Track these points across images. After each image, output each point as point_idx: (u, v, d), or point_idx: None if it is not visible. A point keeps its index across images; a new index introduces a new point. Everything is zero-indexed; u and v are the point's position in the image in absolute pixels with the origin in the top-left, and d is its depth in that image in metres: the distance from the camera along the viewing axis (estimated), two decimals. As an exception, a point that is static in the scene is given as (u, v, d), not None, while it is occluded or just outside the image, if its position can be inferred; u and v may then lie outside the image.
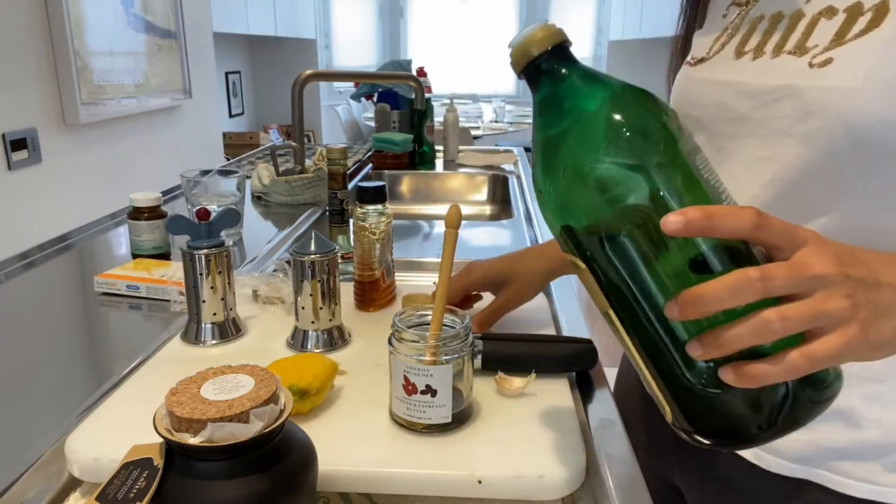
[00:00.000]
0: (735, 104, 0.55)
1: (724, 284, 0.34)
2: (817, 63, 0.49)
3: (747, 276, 0.34)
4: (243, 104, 5.19)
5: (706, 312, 0.34)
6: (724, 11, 0.60)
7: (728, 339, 0.35)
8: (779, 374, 0.35)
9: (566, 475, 0.52)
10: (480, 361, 0.65)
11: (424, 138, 2.02)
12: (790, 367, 0.35)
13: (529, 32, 0.41)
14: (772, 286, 0.34)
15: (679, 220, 0.34)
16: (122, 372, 0.70)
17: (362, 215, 0.80)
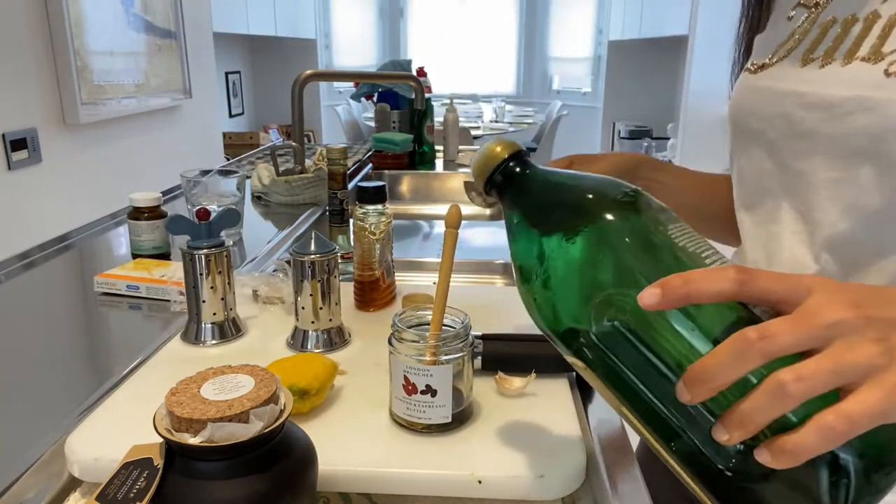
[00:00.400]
0: (801, 116, 0.50)
1: (723, 352, 0.30)
2: (894, 72, 0.44)
3: (745, 336, 0.30)
4: (243, 104, 5.19)
5: (715, 387, 0.31)
6: (790, 13, 0.55)
7: (748, 414, 0.30)
8: (816, 442, 0.29)
9: (566, 475, 0.52)
10: (480, 361, 0.65)
11: (424, 138, 2.02)
12: (826, 433, 0.29)
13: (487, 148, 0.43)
14: (775, 343, 0.30)
15: (655, 292, 0.32)
16: (122, 372, 0.70)
17: (362, 215, 0.80)
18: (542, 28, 6.70)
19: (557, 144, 5.47)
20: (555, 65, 6.76)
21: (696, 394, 0.31)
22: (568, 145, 6.40)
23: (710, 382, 0.31)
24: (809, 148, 0.51)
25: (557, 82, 6.78)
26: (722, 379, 0.30)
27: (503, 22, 6.73)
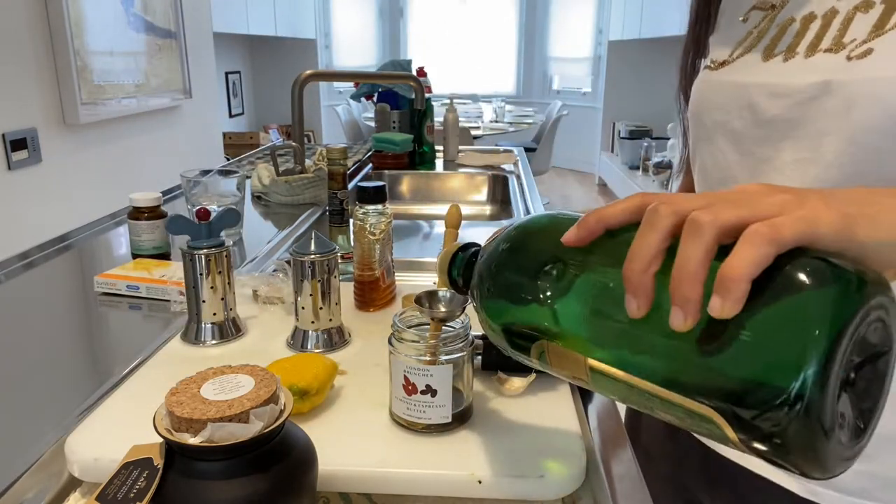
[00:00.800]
0: (766, 106, 0.53)
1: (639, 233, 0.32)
2: (856, 55, 0.47)
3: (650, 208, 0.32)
4: (243, 104, 5.19)
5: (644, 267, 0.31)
6: (744, 16, 0.58)
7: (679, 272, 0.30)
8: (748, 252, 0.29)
9: (566, 475, 0.52)
10: (480, 361, 0.65)
11: (424, 138, 2.02)
12: (753, 238, 0.29)
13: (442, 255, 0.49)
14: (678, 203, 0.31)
15: (573, 229, 0.35)
16: (122, 372, 0.70)
17: (362, 215, 0.80)
18: (542, 28, 6.71)
19: (557, 144, 5.47)
20: (555, 65, 6.77)
21: (637, 286, 0.32)
22: (568, 145, 6.41)
23: (640, 264, 0.31)
24: (776, 134, 0.53)
25: (557, 82, 6.79)
26: (646, 253, 0.31)
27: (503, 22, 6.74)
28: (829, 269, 0.30)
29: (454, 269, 0.48)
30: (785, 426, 0.29)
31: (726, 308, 0.29)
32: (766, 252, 0.29)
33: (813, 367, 0.28)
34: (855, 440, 0.32)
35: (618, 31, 5.78)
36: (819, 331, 0.28)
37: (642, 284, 0.32)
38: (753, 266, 0.29)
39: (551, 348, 0.38)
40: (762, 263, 0.29)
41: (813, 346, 0.28)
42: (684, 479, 0.69)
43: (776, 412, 0.29)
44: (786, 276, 0.30)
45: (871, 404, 0.33)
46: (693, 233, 0.30)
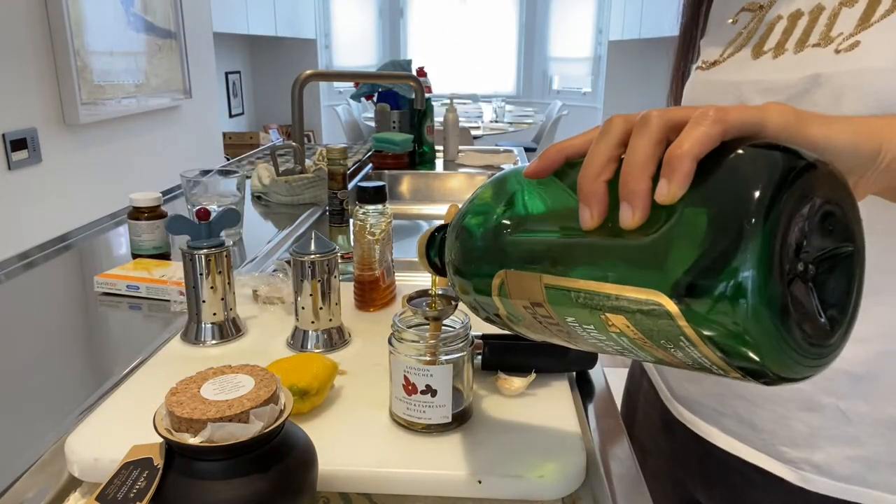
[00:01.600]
0: (757, 102, 0.53)
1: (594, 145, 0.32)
2: (844, 48, 0.47)
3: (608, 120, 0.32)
4: (243, 104, 5.19)
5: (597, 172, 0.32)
6: (734, 18, 0.59)
7: (627, 165, 0.31)
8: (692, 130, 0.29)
9: (566, 475, 0.52)
10: (480, 361, 0.65)
11: (424, 138, 2.02)
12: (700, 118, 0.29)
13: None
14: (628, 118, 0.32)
15: (534, 162, 0.36)
16: (122, 372, 0.70)
17: (362, 215, 0.80)
18: (542, 28, 6.70)
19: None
20: (555, 65, 6.77)
21: (590, 192, 0.32)
22: (568, 145, 6.39)
23: (593, 169, 0.32)
24: None
25: (557, 82, 6.78)
26: (598, 160, 0.32)
27: (503, 22, 6.74)
28: (773, 148, 0.29)
29: (431, 251, 0.49)
30: (733, 309, 0.28)
31: (672, 189, 0.29)
32: (711, 131, 0.29)
33: (753, 244, 0.27)
34: (822, 339, 0.31)
35: (618, 31, 5.78)
36: (756, 205, 0.28)
37: (595, 191, 0.32)
38: (699, 144, 0.29)
39: (509, 276, 0.38)
40: (708, 142, 0.29)
41: (751, 221, 0.27)
42: (679, 473, 0.70)
43: (723, 297, 0.28)
44: (727, 156, 0.29)
45: (838, 304, 0.32)
46: (641, 127, 0.31)
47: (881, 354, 0.51)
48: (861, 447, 0.53)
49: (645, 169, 0.30)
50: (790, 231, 0.28)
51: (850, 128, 0.33)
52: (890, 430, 0.52)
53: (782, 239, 0.28)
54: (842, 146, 0.32)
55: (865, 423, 0.53)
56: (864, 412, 0.52)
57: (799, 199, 0.28)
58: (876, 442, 0.52)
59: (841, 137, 0.32)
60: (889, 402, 0.52)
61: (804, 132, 0.31)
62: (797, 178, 0.28)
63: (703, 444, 0.63)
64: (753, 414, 0.58)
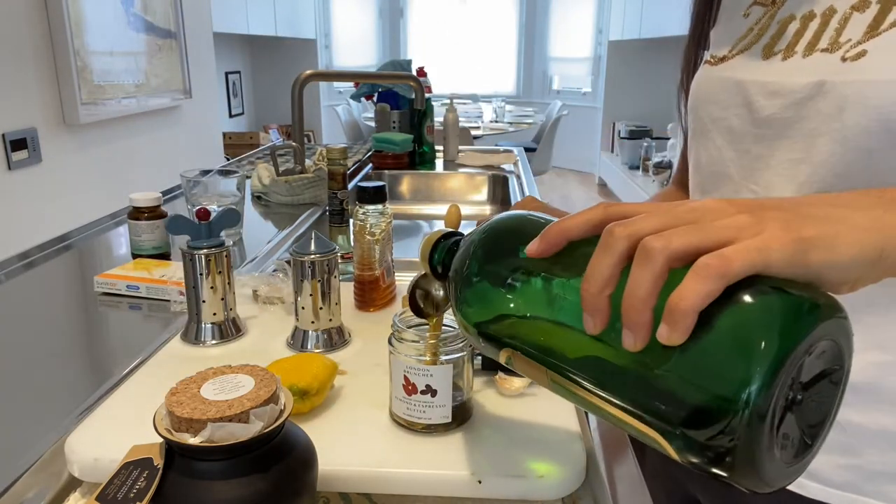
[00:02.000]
0: (763, 104, 0.53)
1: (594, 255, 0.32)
2: (850, 56, 0.47)
3: (607, 229, 0.32)
4: (243, 104, 5.19)
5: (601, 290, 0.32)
6: (746, 11, 0.58)
7: (631, 291, 0.31)
8: (696, 284, 0.29)
9: (566, 475, 0.52)
10: (480, 361, 0.65)
11: (424, 138, 2.02)
12: (702, 270, 0.29)
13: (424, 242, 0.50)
14: (635, 224, 0.32)
15: (536, 241, 0.36)
16: (122, 372, 0.70)
17: (362, 215, 0.80)
18: (542, 28, 6.71)
19: (557, 144, 5.47)
20: (555, 65, 6.77)
21: (593, 306, 0.32)
22: (568, 145, 6.41)
23: (595, 286, 0.32)
24: (770, 133, 0.53)
25: (557, 82, 6.79)
26: (601, 276, 0.32)
27: (503, 22, 6.74)
28: (776, 297, 0.30)
29: (435, 256, 0.49)
30: (727, 449, 0.29)
31: (673, 337, 0.30)
32: (713, 286, 0.29)
33: (754, 397, 0.28)
34: (801, 456, 0.32)
35: (618, 31, 5.78)
36: (761, 360, 0.28)
37: (598, 305, 0.32)
38: (700, 300, 0.29)
39: (516, 358, 0.39)
40: (710, 297, 0.29)
41: (755, 373, 0.28)
42: (678, 473, 0.70)
43: (719, 437, 0.29)
44: (733, 306, 0.30)
45: (819, 420, 0.33)
46: (643, 260, 0.31)
47: (876, 365, 0.51)
48: (856, 457, 0.53)
49: (647, 303, 0.31)
50: (789, 379, 0.29)
51: (853, 240, 0.32)
52: (884, 441, 0.52)
53: (780, 390, 0.29)
54: (844, 265, 0.32)
55: (860, 433, 0.52)
56: (857, 422, 0.52)
57: (800, 351, 0.29)
58: (871, 452, 0.52)
59: (843, 259, 0.32)
60: (884, 413, 0.51)
61: (807, 265, 0.31)
62: (799, 333, 0.29)
63: None
64: None
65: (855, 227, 0.33)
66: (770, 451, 0.30)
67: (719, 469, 0.30)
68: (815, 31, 0.51)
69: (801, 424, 0.31)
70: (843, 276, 0.32)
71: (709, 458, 0.30)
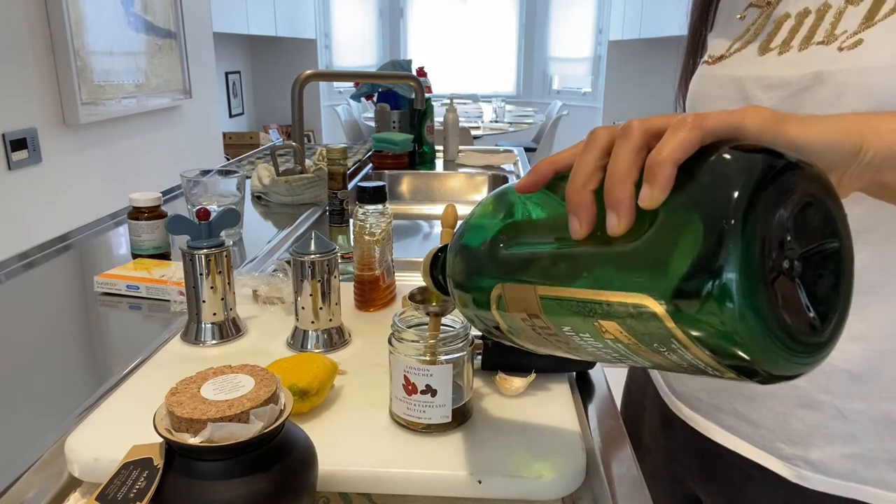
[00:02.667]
0: (760, 98, 0.54)
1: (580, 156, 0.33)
2: (847, 46, 0.48)
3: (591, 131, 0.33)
4: (243, 104, 5.19)
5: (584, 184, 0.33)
6: (742, 13, 0.59)
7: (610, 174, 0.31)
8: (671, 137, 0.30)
9: (566, 475, 0.52)
10: (480, 361, 0.65)
11: (424, 138, 2.02)
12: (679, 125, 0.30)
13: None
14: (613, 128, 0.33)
15: (525, 177, 0.37)
16: (122, 372, 0.70)
17: (362, 216, 0.80)
18: (542, 28, 6.70)
19: (557, 144, 5.46)
20: (555, 65, 6.77)
21: (577, 202, 0.32)
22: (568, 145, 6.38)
23: (578, 181, 0.33)
24: None
25: (557, 82, 6.78)
26: (584, 170, 0.33)
27: (503, 22, 6.74)
28: (753, 150, 0.30)
29: (436, 269, 0.49)
30: (719, 309, 0.28)
31: (655, 194, 0.30)
32: (690, 136, 0.29)
33: (734, 244, 0.28)
34: (812, 336, 0.31)
35: (618, 31, 5.78)
36: (735, 206, 0.28)
37: (582, 201, 0.33)
38: (678, 149, 0.29)
39: (506, 290, 0.39)
40: (687, 148, 0.29)
41: (731, 221, 0.28)
42: (678, 471, 0.70)
43: (709, 298, 0.28)
44: (707, 159, 0.30)
45: (828, 299, 0.32)
46: (622, 136, 0.31)
47: (879, 353, 0.51)
48: (857, 444, 0.53)
49: (627, 177, 0.31)
50: (771, 229, 0.29)
51: (830, 126, 0.34)
52: (885, 428, 0.52)
53: (763, 238, 0.28)
54: (821, 144, 0.33)
55: (861, 420, 0.53)
56: (860, 410, 0.53)
57: (778, 197, 0.29)
58: (871, 439, 0.53)
59: (820, 136, 0.33)
60: (885, 401, 0.52)
61: (783, 133, 0.32)
62: (776, 178, 0.29)
63: (701, 441, 0.64)
64: (752, 411, 0.58)
65: (830, 120, 0.34)
66: (774, 310, 0.29)
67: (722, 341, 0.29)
68: (811, 26, 0.51)
69: (805, 295, 0.31)
70: (821, 158, 0.33)
71: (709, 324, 0.29)
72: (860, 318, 0.32)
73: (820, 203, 0.31)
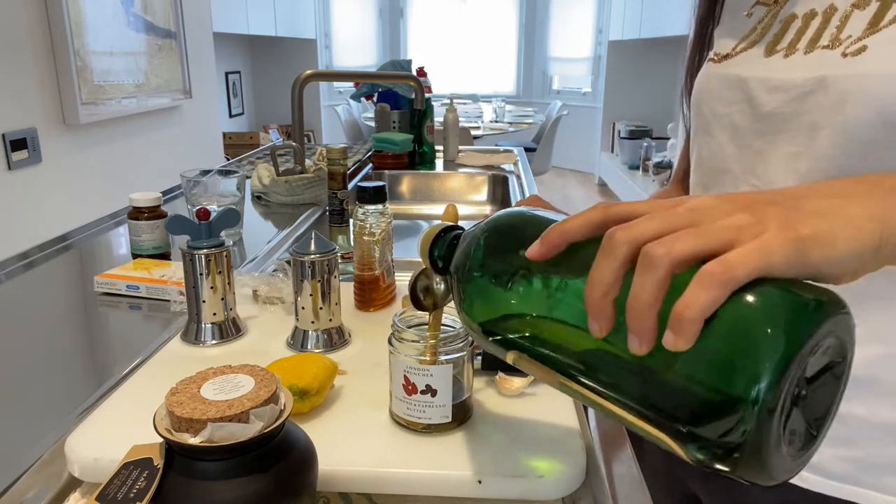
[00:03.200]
0: (764, 100, 0.54)
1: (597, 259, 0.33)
2: (851, 52, 0.48)
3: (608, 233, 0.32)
4: (243, 104, 5.19)
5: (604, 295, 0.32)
6: (749, 11, 0.59)
7: (633, 299, 0.31)
8: (700, 292, 0.30)
9: (566, 475, 0.52)
10: (480, 361, 0.65)
11: (424, 138, 2.02)
12: (706, 279, 0.30)
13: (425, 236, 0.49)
14: (636, 228, 0.32)
15: (536, 244, 0.36)
16: (122, 372, 0.70)
17: (362, 216, 0.80)
18: (542, 28, 6.71)
19: (557, 144, 5.47)
20: (555, 65, 6.77)
21: (597, 311, 0.32)
22: (568, 145, 6.41)
23: (598, 291, 0.32)
24: (772, 128, 0.54)
25: (557, 82, 6.79)
26: (604, 281, 0.32)
27: (503, 22, 6.74)
28: (779, 297, 0.30)
29: (436, 250, 0.49)
30: (736, 445, 0.29)
31: (679, 343, 0.30)
32: (718, 293, 0.30)
33: (763, 394, 0.28)
34: (805, 449, 0.33)
35: (618, 31, 5.78)
36: (769, 358, 0.28)
37: (602, 310, 0.32)
38: (705, 308, 0.29)
39: (523, 358, 0.39)
40: (715, 304, 0.30)
41: (764, 371, 0.28)
42: (678, 471, 0.70)
43: (729, 434, 0.29)
44: (739, 307, 0.30)
45: (823, 413, 0.33)
46: (646, 267, 0.31)
47: (878, 357, 0.51)
48: (855, 448, 0.53)
49: (650, 311, 0.31)
50: (794, 377, 0.29)
51: (850, 233, 0.32)
52: (885, 434, 0.52)
53: (787, 389, 0.29)
54: (843, 259, 0.32)
55: (861, 425, 0.53)
56: (859, 414, 0.52)
57: (804, 351, 0.29)
58: (870, 444, 0.53)
59: (843, 254, 0.32)
60: (884, 405, 0.52)
61: (808, 264, 0.31)
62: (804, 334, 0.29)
63: None
64: None
65: (852, 219, 0.33)
66: (777, 447, 0.30)
67: (726, 465, 0.31)
68: (817, 29, 0.51)
69: (806, 418, 0.32)
70: (842, 269, 0.33)
71: (717, 455, 0.30)
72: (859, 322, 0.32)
73: (838, 336, 0.31)
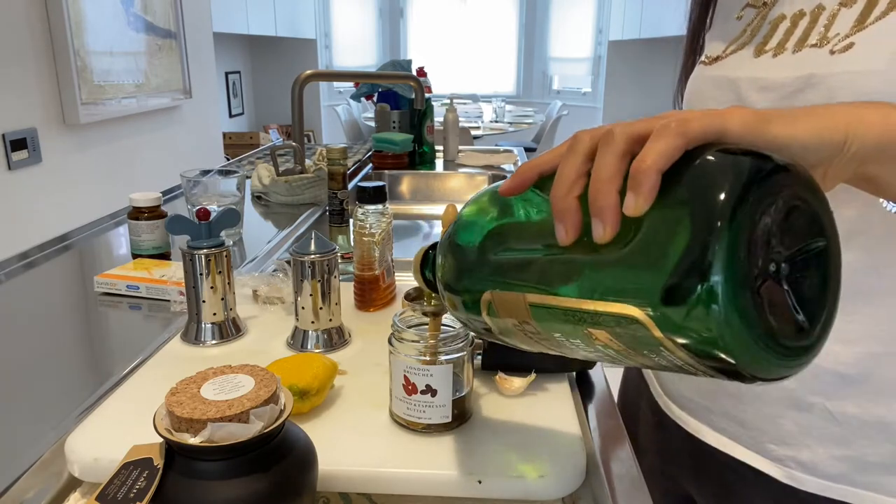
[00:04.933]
0: (754, 99, 0.54)
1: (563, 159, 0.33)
2: (838, 49, 0.48)
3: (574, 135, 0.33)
4: (243, 104, 5.19)
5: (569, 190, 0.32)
6: (739, 13, 0.59)
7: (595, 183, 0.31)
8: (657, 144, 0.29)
9: (566, 475, 0.52)
10: (480, 361, 0.65)
11: (424, 138, 2.02)
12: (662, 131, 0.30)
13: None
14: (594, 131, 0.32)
15: (509, 180, 0.36)
16: (122, 372, 0.70)
17: (362, 216, 0.80)
18: (542, 28, 6.70)
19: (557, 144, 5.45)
20: (555, 65, 6.76)
21: (562, 208, 0.32)
22: (568, 145, 6.39)
23: (563, 187, 0.32)
24: None
25: (557, 82, 6.78)
26: (567, 175, 0.33)
27: (503, 22, 6.73)
28: (736, 153, 0.30)
29: (426, 268, 0.49)
30: (705, 316, 0.28)
31: (639, 203, 0.29)
32: (674, 143, 0.29)
33: (720, 250, 0.27)
34: (800, 339, 0.31)
35: (618, 31, 5.78)
36: (719, 212, 0.28)
37: (567, 208, 0.32)
38: (662, 157, 0.29)
39: (495, 297, 0.38)
40: (671, 155, 0.29)
41: (716, 226, 0.28)
42: (671, 470, 0.70)
43: (694, 306, 0.28)
44: (692, 164, 0.30)
45: (815, 301, 0.32)
46: (605, 142, 0.31)
47: (869, 355, 0.51)
48: (848, 447, 0.53)
49: (612, 183, 0.31)
50: (757, 233, 0.28)
51: (814, 122, 0.33)
52: (877, 432, 0.52)
53: (749, 242, 0.28)
54: (806, 142, 0.33)
55: (853, 423, 0.53)
56: (851, 413, 0.52)
57: (764, 200, 0.29)
58: (863, 443, 0.53)
59: (804, 134, 0.33)
60: (877, 404, 0.52)
61: (766, 133, 0.32)
62: (761, 181, 0.29)
63: (694, 442, 0.64)
64: (743, 412, 0.58)
65: (816, 114, 0.34)
66: (761, 316, 0.29)
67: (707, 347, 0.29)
68: (805, 29, 0.52)
69: (792, 298, 0.31)
70: (806, 153, 0.32)
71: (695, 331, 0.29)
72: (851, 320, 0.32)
73: (806, 204, 0.31)
